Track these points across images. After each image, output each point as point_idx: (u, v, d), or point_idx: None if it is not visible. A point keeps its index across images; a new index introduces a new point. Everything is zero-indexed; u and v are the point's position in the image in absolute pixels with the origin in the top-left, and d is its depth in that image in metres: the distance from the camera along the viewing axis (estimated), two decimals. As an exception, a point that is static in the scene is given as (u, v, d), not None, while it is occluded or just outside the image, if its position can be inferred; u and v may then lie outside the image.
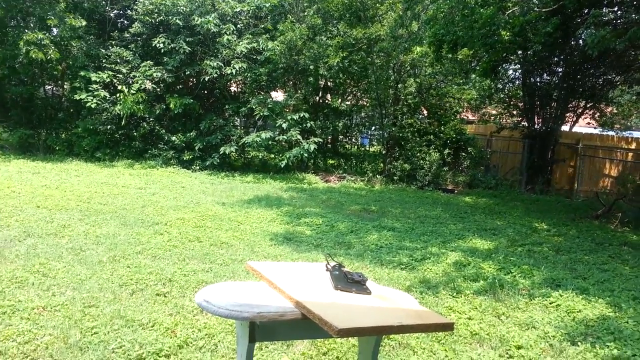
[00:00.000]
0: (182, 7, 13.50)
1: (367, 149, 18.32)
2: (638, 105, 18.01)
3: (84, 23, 12.93)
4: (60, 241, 5.63)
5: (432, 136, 14.29)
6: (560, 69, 14.34)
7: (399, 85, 14.66)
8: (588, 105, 15.40)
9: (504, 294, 4.88)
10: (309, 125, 13.64)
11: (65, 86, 14.85)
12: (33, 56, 11.96)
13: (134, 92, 13.08)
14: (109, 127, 13.77)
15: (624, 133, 18.89)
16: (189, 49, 13.45)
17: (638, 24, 7.65)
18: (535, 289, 5.10)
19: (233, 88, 15.59)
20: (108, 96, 13.32)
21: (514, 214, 10.06)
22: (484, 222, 8.85)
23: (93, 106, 12.99)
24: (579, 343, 3.81)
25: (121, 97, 13.06)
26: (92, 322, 3.63)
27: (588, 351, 3.67)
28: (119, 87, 13.16)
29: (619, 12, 10.52)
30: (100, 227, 6.39)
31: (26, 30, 12.27)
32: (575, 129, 17.04)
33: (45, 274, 4.53)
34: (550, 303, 4.70)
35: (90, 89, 13.11)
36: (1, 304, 3.78)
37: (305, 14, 14.19)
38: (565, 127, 16.04)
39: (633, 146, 16.10)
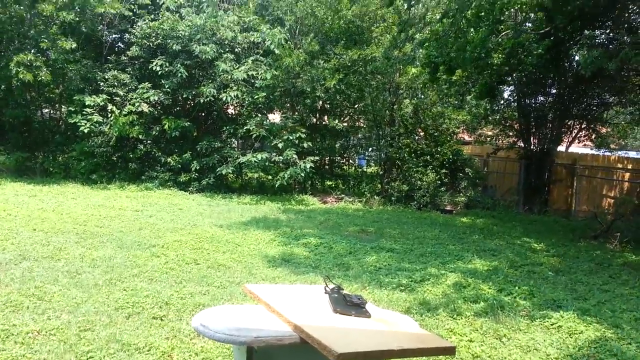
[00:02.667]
0: (181, 32, 13.64)
1: (365, 169, 18.34)
2: (633, 126, 18.13)
3: (75, 45, 13.02)
4: (56, 264, 5.57)
5: (429, 157, 14.33)
6: (554, 90, 14.48)
7: (395, 106, 14.77)
8: (583, 126, 15.50)
9: (504, 315, 4.83)
10: (305, 145, 13.68)
11: (62, 109, 14.91)
12: (21, 77, 11.99)
13: (126, 113, 13.12)
14: (105, 149, 13.77)
15: (619, 153, 18.99)
16: (187, 72, 13.55)
17: (630, 46, 7.76)
18: (535, 310, 5.05)
19: (230, 110, 15.67)
20: (102, 120, 13.34)
21: (512, 234, 10.04)
22: (483, 243, 8.81)
23: (86, 130, 13.01)
24: (582, 365, 3.76)
25: (112, 118, 13.10)
26: (88, 346, 3.57)
27: (591, 374, 3.62)
28: (110, 108, 13.18)
29: (611, 34, 10.69)
30: (97, 250, 6.34)
31: (20, 53, 12.35)
32: (572, 149, 17.12)
33: (40, 297, 4.47)
34: (551, 324, 4.65)
35: (84, 112, 13.15)
36: (-6, 329, 3.72)
37: (303, 41, 14.35)
38: (561, 148, 16.11)
39: (630, 166, 16.18)
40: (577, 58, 10.72)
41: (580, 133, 15.84)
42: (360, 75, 14.25)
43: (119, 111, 13.14)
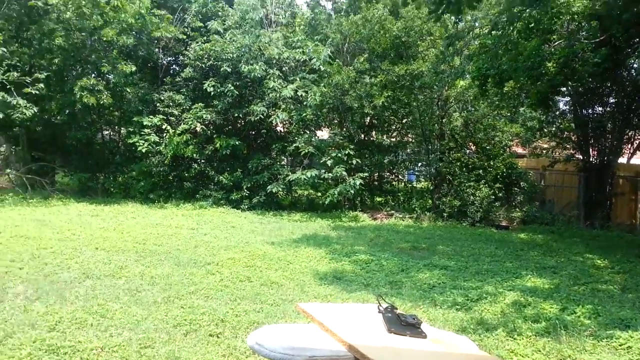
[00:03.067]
0: (230, 54, 14.09)
1: (414, 185, 18.10)
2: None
3: (134, 68, 13.66)
4: (118, 282, 5.80)
5: (481, 171, 13.97)
6: (612, 100, 13.87)
7: (444, 120, 14.55)
8: (646, 136, 14.71)
9: (568, 335, 4.60)
10: (354, 162, 13.69)
11: (121, 131, 15.63)
12: (85, 101, 12.65)
13: (180, 132, 13.59)
14: (161, 169, 14.30)
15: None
16: (237, 92, 13.94)
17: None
18: (602, 329, 4.79)
19: (279, 128, 15.94)
20: (159, 140, 13.89)
21: (573, 250, 9.58)
22: (542, 260, 8.46)
23: (144, 150, 13.55)
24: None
25: (167, 137, 13.60)
26: (148, 364, 3.68)
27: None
28: (165, 127, 13.70)
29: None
30: (155, 268, 6.55)
31: (83, 78, 13.09)
32: (634, 160, 16.24)
33: (103, 314, 4.66)
34: (619, 345, 4.39)
35: (142, 133, 13.73)
36: (62, 344, 3.90)
37: (355, 60, 14.45)
38: (622, 159, 15.33)
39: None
40: (635, 66, 10.24)
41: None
42: (407, 90, 14.18)
43: (173, 131, 13.65)
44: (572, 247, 9.92)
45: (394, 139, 16.83)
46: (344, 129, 15.23)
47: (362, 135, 16.00)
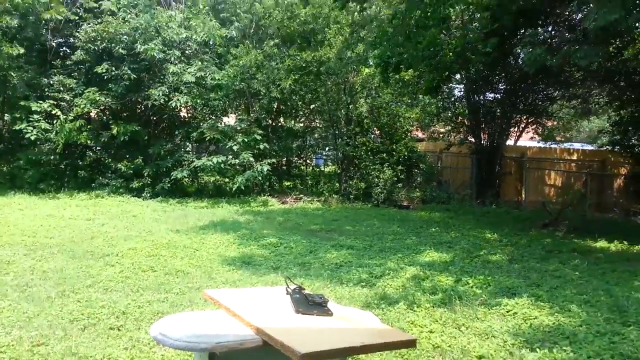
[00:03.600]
0: (124, 36, 13.27)
1: (322, 169, 18.42)
2: (577, 119, 19.03)
3: (22, 51, 12.47)
4: (4, 278, 5.31)
5: (385, 154, 14.54)
6: (502, 87, 14.99)
7: (350, 106, 14.90)
8: (530, 120, 16.12)
9: (462, 305, 4.96)
10: (262, 147, 13.59)
11: (5, 117, 14.22)
12: None
13: (72, 118, 12.65)
14: (52, 157, 13.24)
15: (565, 145, 19.89)
16: (134, 75, 13.19)
17: (570, 43, 8.13)
18: (491, 298, 5.21)
19: (183, 113, 15.39)
20: (49, 127, 12.82)
21: (466, 226, 10.32)
22: (439, 236, 9.02)
23: (33, 137, 12.47)
24: (537, 349, 3.90)
25: (58, 123, 12.61)
26: (41, 363, 3.42)
27: (546, 357, 3.76)
28: (55, 113, 12.68)
29: (553, 32, 11.17)
30: (47, 262, 6.08)
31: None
32: (520, 142, 17.79)
33: (-14, 315, 4.24)
34: (507, 311, 4.80)
35: (30, 119, 12.60)
36: (-64, 351, 3.50)
37: (265, 44, 14.23)
38: (510, 142, 16.71)
39: (574, 157, 16.96)
40: (522, 55, 11.15)
41: (528, 127, 16.47)
42: (314, 75, 14.30)
43: (65, 117, 12.66)
44: (466, 224, 10.67)
45: (302, 124, 16.94)
46: (251, 114, 15.06)
47: (270, 121, 15.93)
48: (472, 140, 15.50)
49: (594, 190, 15.87)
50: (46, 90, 13.27)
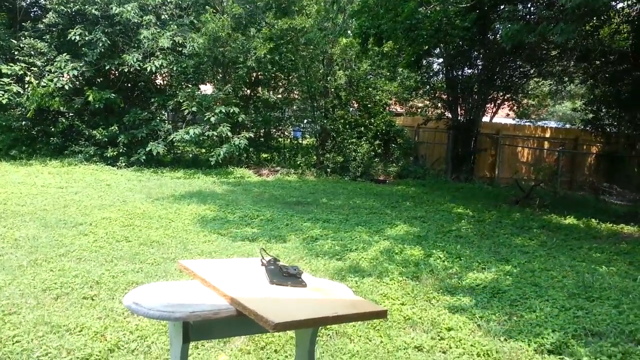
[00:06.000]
0: None
1: (300, 141, 18.36)
2: (551, 97, 19.31)
3: None
4: (-29, 247, 5.21)
5: (363, 128, 14.56)
6: (480, 63, 15.05)
7: (328, 78, 14.79)
8: (506, 97, 16.29)
9: (433, 278, 5.09)
10: (239, 119, 13.44)
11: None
12: None
13: (45, 84, 12.26)
14: (23, 123, 12.86)
15: (538, 123, 20.22)
16: (109, 40, 12.79)
17: (548, 20, 8.18)
18: (462, 272, 5.36)
19: (159, 81, 15.05)
20: (22, 91, 12.41)
21: (441, 201, 10.49)
22: (414, 210, 9.16)
23: (4, 102, 12.07)
24: (505, 322, 4.05)
25: (30, 88, 12.22)
26: (14, 330, 3.40)
27: (512, 330, 3.91)
28: (28, 79, 12.27)
29: (532, 8, 11.21)
30: (19, 230, 5.98)
31: None
32: (495, 119, 18.00)
33: (-46, 283, 4.18)
34: (476, 285, 4.95)
35: (1, 82, 12.16)
36: None
37: (225, 3, 13.88)
38: (485, 118, 16.88)
39: (547, 134, 17.27)
40: (500, 31, 11.19)
41: (504, 104, 16.64)
42: (292, 45, 14.09)
43: (37, 82, 12.25)
44: (440, 199, 10.85)
45: (280, 96, 16.76)
46: (229, 84, 14.82)
47: (248, 91, 15.72)
48: (449, 115, 15.61)
49: (566, 168, 16.26)
50: (16, 53, 12.77)
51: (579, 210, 9.99)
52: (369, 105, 15.46)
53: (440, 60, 15.48)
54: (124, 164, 12.88)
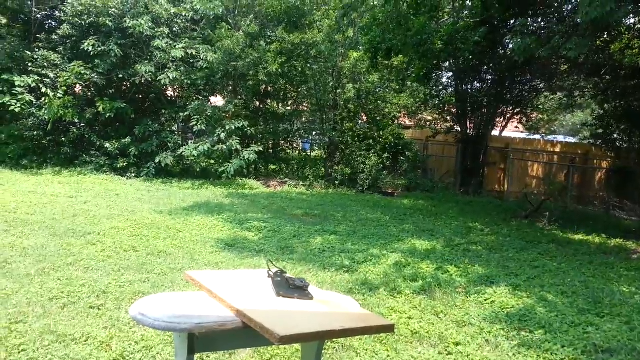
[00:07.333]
0: (113, 9, 13.00)
1: (309, 153, 18.39)
2: (561, 111, 19.23)
3: (4, 21, 12.14)
4: (-19, 255, 5.25)
5: (371, 141, 14.56)
6: (489, 77, 15.04)
7: (338, 91, 14.84)
8: (516, 111, 16.24)
9: (441, 292, 5.04)
10: (249, 132, 13.51)
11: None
12: None
13: (61, 95, 12.42)
14: (35, 133, 13.01)
15: (548, 137, 20.11)
16: (121, 52, 12.96)
17: (560, 34, 8.17)
18: (470, 286, 5.30)
19: (169, 92, 15.18)
20: (34, 101, 12.57)
21: (449, 215, 10.43)
22: (422, 224, 9.11)
23: (17, 110, 12.23)
24: (513, 337, 3.99)
25: (47, 101, 12.37)
26: (20, 339, 3.40)
27: (521, 345, 3.85)
28: (44, 91, 12.44)
29: (543, 22, 11.21)
30: (28, 239, 6.02)
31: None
32: (505, 133, 17.93)
33: (-37, 291, 4.20)
34: (485, 300, 4.90)
35: (14, 92, 12.34)
36: None
37: (243, 22, 14.06)
38: (495, 132, 16.83)
39: (557, 149, 17.17)
40: (511, 45, 11.18)
41: (513, 118, 16.60)
42: (303, 58, 14.19)
43: (54, 94, 12.41)
44: (449, 212, 10.78)
45: (289, 108, 16.84)
46: (239, 96, 14.92)
47: (258, 103, 15.81)
48: (458, 129, 15.58)
49: (576, 183, 16.12)
50: (29, 65, 12.97)
51: (589, 226, 9.88)
52: (378, 118, 15.48)
53: (450, 74, 15.49)
54: (133, 175, 12.97)
